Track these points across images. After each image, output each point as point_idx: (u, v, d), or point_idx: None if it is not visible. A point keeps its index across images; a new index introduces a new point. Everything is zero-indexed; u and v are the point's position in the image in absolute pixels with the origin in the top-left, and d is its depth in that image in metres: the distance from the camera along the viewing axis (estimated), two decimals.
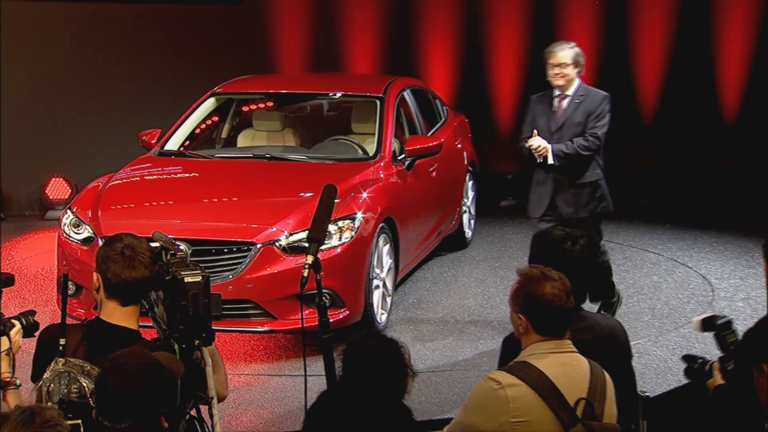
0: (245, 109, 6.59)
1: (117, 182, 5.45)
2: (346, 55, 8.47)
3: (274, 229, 4.92)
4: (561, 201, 5.07)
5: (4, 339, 2.72)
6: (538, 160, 5.02)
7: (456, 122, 7.10)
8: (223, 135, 6.39)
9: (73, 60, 8.13)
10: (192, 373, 2.53)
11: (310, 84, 6.85)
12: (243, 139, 6.28)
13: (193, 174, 5.71)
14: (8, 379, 2.72)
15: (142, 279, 2.63)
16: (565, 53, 5.01)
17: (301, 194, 5.32)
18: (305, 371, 2.93)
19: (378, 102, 6.00)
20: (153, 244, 2.77)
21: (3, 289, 2.83)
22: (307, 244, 3.14)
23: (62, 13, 8.10)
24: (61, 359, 2.49)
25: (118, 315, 2.63)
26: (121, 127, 7.90)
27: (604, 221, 5.22)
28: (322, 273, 3.07)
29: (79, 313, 4.96)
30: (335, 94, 6.42)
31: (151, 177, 5.70)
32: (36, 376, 2.60)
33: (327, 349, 2.84)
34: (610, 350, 2.91)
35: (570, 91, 5.04)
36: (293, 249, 4.87)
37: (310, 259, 3.03)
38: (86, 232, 5.10)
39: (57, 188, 8.15)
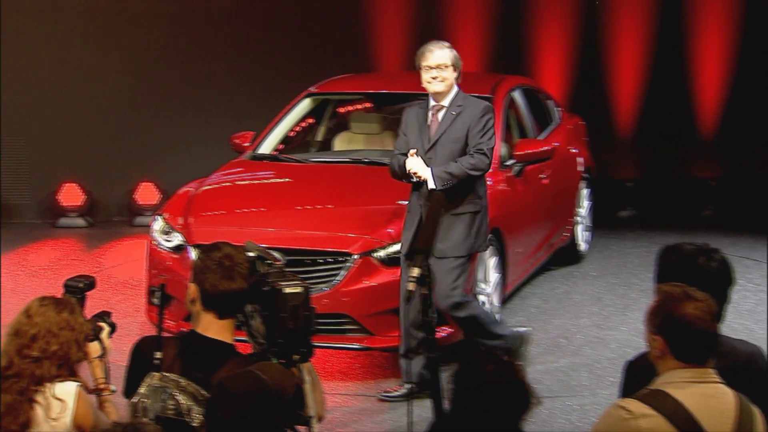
0: (342, 110, 6.66)
1: (208, 188, 5.59)
2: None
3: (373, 239, 4.94)
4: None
5: (96, 344, 2.83)
6: (412, 179, 4.53)
7: (570, 125, 6.98)
8: (319, 138, 6.48)
9: (163, 61, 8.42)
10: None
11: (412, 84, 6.79)
12: (339, 143, 6.35)
13: (286, 179, 5.82)
14: (103, 386, 2.83)
15: (240, 291, 2.67)
16: (444, 53, 4.54)
17: (401, 202, 5.31)
18: (409, 393, 2.91)
19: None
20: (248, 254, 2.83)
21: (86, 294, 2.95)
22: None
23: (151, 13, 8.39)
24: (156, 374, 2.55)
25: (214, 328, 2.68)
26: (212, 129, 8.12)
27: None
28: (428, 287, 3.07)
29: (168, 325, 5.09)
30: None
31: (243, 182, 5.84)
32: (130, 390, 2.68)
33: (434, 370, 2.82)
34: (750, 380, 2.77)
35: (446, 101, 4.57)
36: (392, 261, 4.89)
37: (416, 271, 3.03)
38: (177, 239, 5.23)
39: (146, 193, 8.44)
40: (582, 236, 6.94)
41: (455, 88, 4.58)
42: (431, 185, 4.42)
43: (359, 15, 8.45)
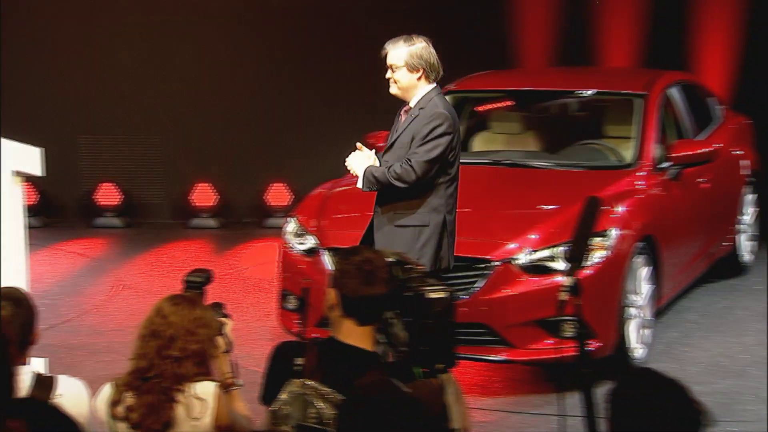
0: (481, 109, 6.62)
1: (342, 189, 5.64)
2: (598, 45, 8.26)
3: (514, 245, 4.89)
4: (379, 244, 4.33)
5: (221, 339, 2.90)
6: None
7: (734, 125, 6.71)
8: None
9: (297, 60, 8.60)
10: (429, 403, 2.54)
11: (556, 80, 6.76)
12: (478, 143, 6.31)
13: None
14: (230, 381, 2.90)
15: (381, 296, 2.69)
16: (397, 52, 4.31)
17: (545, 206, 5.25)
18: (562, 410, 2.84)
19: (638, 100, 5.80)
20: (388, 258, 2.83)
21: (205, 288, 3.02)
22: (552, 264, 3.06)
23: (287, 12, 8.59)
24: (297, 380, 2.59)
25: (355, 335, 2.70)
26: (346, 129, 8.23)
27: None
28: (581, 298, 2.99)
29: (300, 330, 5.19)
30: (586, 92, 6.28)
31: None
32: (267, 396, 2.73)
33: (587, 387, 2.75)
34: None
35: (413, 102, 4.36)
36: (535, 269, 4.82)
37: (569, 281, 2.96)
38: (310, 242, 5.31)
39: (277, 194, 8.64)
40: (745, 246, 6.63)
41: (426, 88, 4.34)
42: (358, 185, 4.34)
43: (500, 8, 8.37)
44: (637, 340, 5.09)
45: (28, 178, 4.39)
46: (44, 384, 2.93)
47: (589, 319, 4.74)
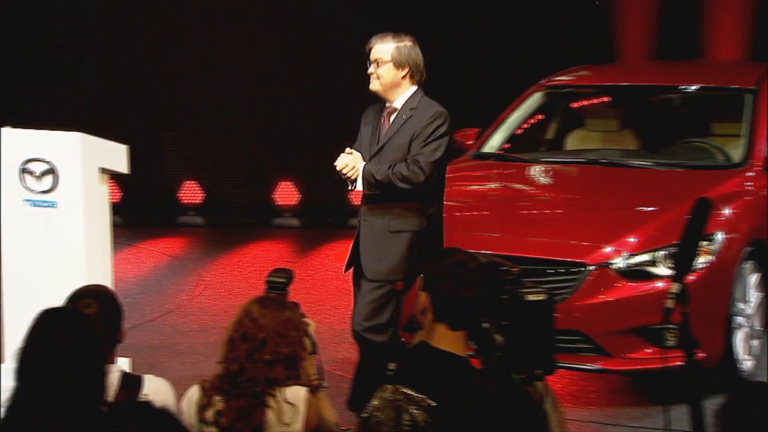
0: (576, 105, 6.52)
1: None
2: (703, 37, 8.03)
3: (611, 248, 4.79)
4: (367, 252, 4.26)
5: (306, 340, 2.91)
6: (349, 187, 4.30)
7: None
8: (549, 136, 6.36)
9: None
10: (529, 411, 2.50)
11: (657, 75, 6.60)
12: (573, 141, 6.21)
13: (514, 181, 5.75)
14: (316, 383, 2.91)
15: (475, 299, 2.68)
16: (384, 47, 4.23)
17: (644, 208, 5.13)
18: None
19: (748, 96, 5.62)
20: (481, 261, 2.80)
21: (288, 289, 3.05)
22: (652, 269, 2.98)
23: (370, 10, 8.60)
24: (390, 386, 2.58)
25: (447, 340, 2.69)
26: None
27: None
28: (688, 305, 2.90)
29: None
30: (690, 87, 6.10)
31: (466, 184, 5.83)
32: (356, 401, 2.73)
33: (695, 400, 2.66)
34: None
35: (398, 103, 4.29)
36: (634, 273, 4.71)
37: (675, 287, 2.88)
38: None
39: (360, 194, 8.64)
40: None
41: (411, 89, 4.31)
42: (358, 186, 4.24)
43: None
44: (745, 351, 4.94)
45: (113, 176, 4.49)
46: (131, 383, 2.99)
47: (692, 328, 4.63)
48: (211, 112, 8.88)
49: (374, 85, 4.29)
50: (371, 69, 4.28)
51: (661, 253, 4.67)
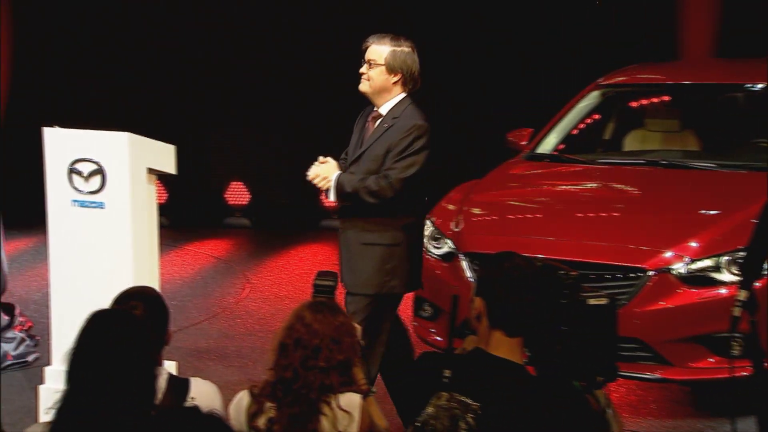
0: (635, 104, 6.42)
1: (481, 190, 5.59)
2: None
3: (671, 253, 4.70)
4: (342, 262, 4.22)
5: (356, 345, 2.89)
6: (326, 196, 4.24)
7: None
8: (607, 136, 6.28)
9: (437, 53, 8.55)
10: (591, 420, 2.46)
11: (720, 73, 6.48)
12: (631, 142, 6.12)
13: (569, 183, 5.69)
14: (365, 388, 2.90)
15: (532, 305, 2.64)
16: (380, 48, 4.13)
17: (707, 211, 5.03)
18: None
19: None
20: (538, 264, 2.76)
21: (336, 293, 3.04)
22: (716, 275, 2.91)
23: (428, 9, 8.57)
24: (444, 393, 2.56)
25: (504, 347, 2.66)
26: (486, 125, 8.17)
27: None
28: (756, 313, 2.83)
29: (435, 340, 5.17)
30: (755, 86, 5.98)
31: (520, 185, 5.78)
32: (408, 410, 2.70)
33: (765, 413, 2.59)
34: None
35: (384, 109, 4.19)
36: (696, 280, 4.61)
37: (743, 294, 2.81)
38: (446, 246, 5.25)
39: None
40: None
41: (399, 96, 4.21)
42: (330, 196, 4.16)
43: None
44: None
45: (159, 177, 4.52)
46: (178, 386, 3.00)
47: (761, 337, 4.53)
48: (258, 113, 8.93)
49: (363, 86, 4.22)
50: (363, 68, 4.21)
51: (725, 258, 4.57)
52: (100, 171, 4.30)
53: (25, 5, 8.98)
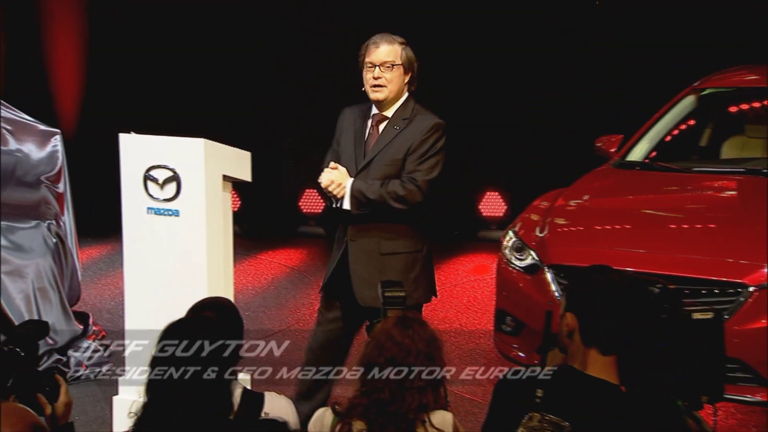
0: (734, 109, 6.29)
1: (567, 200, 5.52)
2: None
3: None
4: (357, 277, 4.08)
5: None
6: (333, 204, 4.11)
7: None
8: (703, 143, 6.17)
9: (513, 55, 8.52)
10: None
11: None
12: (729, 149, 6.00)
13: (662, 192, 5.59)
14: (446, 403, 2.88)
15: (629, 321, 2.60)
16: (393, 48, 4.05)
17: None
18: None
19: None
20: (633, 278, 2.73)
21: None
22: None
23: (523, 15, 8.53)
24: (536, 414, 2.53)
25: (598, 366, 2.62)
26: (569, 131, 8.08)
27: None
28: None
29: (517, 356, 5.12)
30: None
31: (609, 194, 5.70)
32: (493, 429, 2.68)
33: None
34: None
35: (390, 111, 4.11)
36: None
37: None
38: (530, 258, 5.21)
39: (491, 204, 8.61)
40: None
41: (404, 96, 4.16)
42: (345, 205, 4.04)
43: None
44: None
45: (235, 184, 4.57)
46: (252, 400, 3.03)
47: None
48: (333, 119, 8.98)
49: (382, 94, 4.12)
50: (377, 73, 4.10)
51: None
52: (175, 178, 4.38)
53: (97, 10, 9.21)
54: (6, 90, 8.90)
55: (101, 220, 8.17)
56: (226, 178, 4.48)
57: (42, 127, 6.11)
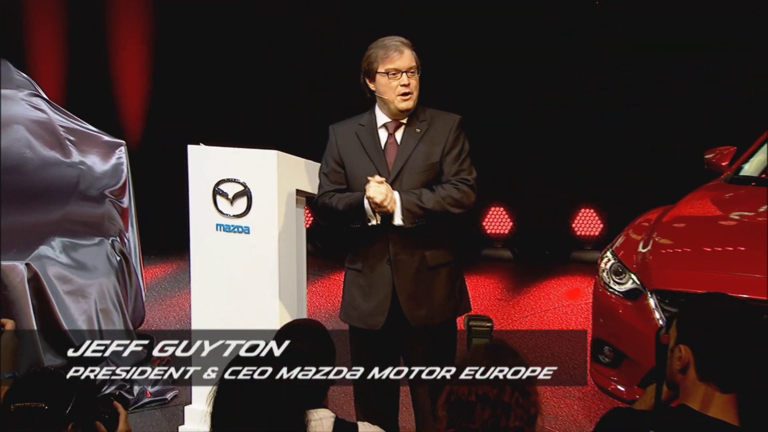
0: None
1: (673, 218, 5.42)
2: None
3: None
4: (406, 297, 4.02)
5: None
6: (370, 222, 4.00)
7: None
8: None
9: (611, 61, 8.44)
10: None
11: None
12: None
13: None
14: None
15: (752, 354, 2.56)
16: (412, 52, 4.08)
17: None
18: None
19: None
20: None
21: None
22: None
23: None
24: None
25: (716, 405, 2.58)
26: (671, 142, 7.95)
27: None
28: None
29: (617, 390, 5.02)
30: None
31: (720, 213, 5.58)
32: None
33: None
34: None
35: (405, 117, 4.11)
36: None
37: None
38: (631, 282, 5.11)
39: (585, 222, 8.51)
40: None
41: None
42: (397, 221, 3.96)
43: None
44: None
45: (309, 199, 4.57)
46: (345, 431, 3.03)
47: None
48: None
49: (412, 102, 4.11)
50: (404, 80, 4.08)
51: None
52: (246, 192, 4.40)
53: (166, 15, 9.37)
54: (69, 98, 9.11)
55: (167, 237, 8.30)
56: (299, 192, 4.49)
57: (106, 137, 6.22)
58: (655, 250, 5.16)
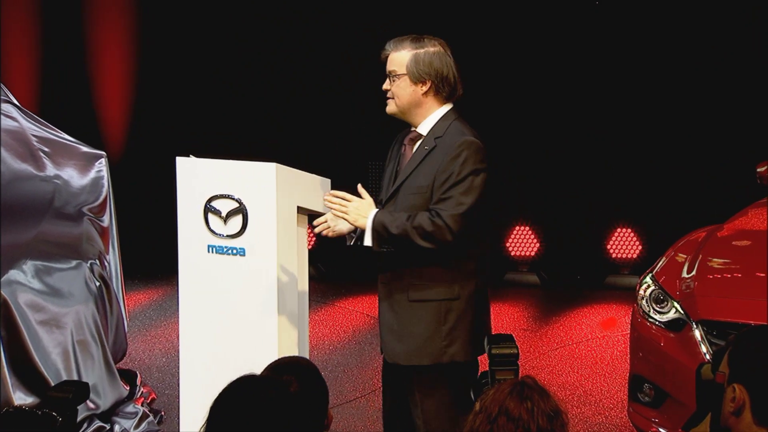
0: None
1: (722, 239, 5.43)
2: None
3: None
4: (384, 328, 4.13)
5: None
6: (350, 242, 4.15)
7: None
8: None
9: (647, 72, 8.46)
10: None
11: None
12: None
13: None
14: None
15: None
16: (399, 55, 4.07)
17: None
18: None
19: None
20: None
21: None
22: None
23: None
24: None
25: None
26: (719, 154, 7.95)
27: None
28: None
29: None
30: None
31: None
32: None
33: None
34: None
35: (423, 128, 4.10)
36: None
37: None
38: (674, 311, 5.12)
39: (622, 243, 8.52)
40: None
41: (440, 110, 4.10)
42: (367, 241, 4.00)
43: None
44: None
45: (311, 217, 4.55)
46: None
47: None
48: None
49: (390, 107, 4.14)
50: (385, 85, 4.14)
51: None
52: (241, 210, 4.40)
53: (149, 17, 9.42)
54: (43, 105, 9.14)
55: (152, 259, 8.31)
56: (300, 210, 4.48)
57: (84, 148, 6.22)
58: (701, 276, 5.16)
